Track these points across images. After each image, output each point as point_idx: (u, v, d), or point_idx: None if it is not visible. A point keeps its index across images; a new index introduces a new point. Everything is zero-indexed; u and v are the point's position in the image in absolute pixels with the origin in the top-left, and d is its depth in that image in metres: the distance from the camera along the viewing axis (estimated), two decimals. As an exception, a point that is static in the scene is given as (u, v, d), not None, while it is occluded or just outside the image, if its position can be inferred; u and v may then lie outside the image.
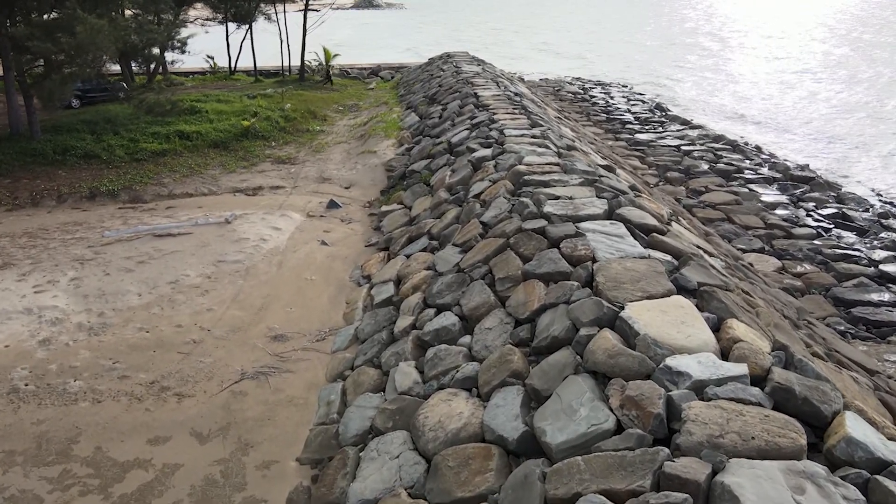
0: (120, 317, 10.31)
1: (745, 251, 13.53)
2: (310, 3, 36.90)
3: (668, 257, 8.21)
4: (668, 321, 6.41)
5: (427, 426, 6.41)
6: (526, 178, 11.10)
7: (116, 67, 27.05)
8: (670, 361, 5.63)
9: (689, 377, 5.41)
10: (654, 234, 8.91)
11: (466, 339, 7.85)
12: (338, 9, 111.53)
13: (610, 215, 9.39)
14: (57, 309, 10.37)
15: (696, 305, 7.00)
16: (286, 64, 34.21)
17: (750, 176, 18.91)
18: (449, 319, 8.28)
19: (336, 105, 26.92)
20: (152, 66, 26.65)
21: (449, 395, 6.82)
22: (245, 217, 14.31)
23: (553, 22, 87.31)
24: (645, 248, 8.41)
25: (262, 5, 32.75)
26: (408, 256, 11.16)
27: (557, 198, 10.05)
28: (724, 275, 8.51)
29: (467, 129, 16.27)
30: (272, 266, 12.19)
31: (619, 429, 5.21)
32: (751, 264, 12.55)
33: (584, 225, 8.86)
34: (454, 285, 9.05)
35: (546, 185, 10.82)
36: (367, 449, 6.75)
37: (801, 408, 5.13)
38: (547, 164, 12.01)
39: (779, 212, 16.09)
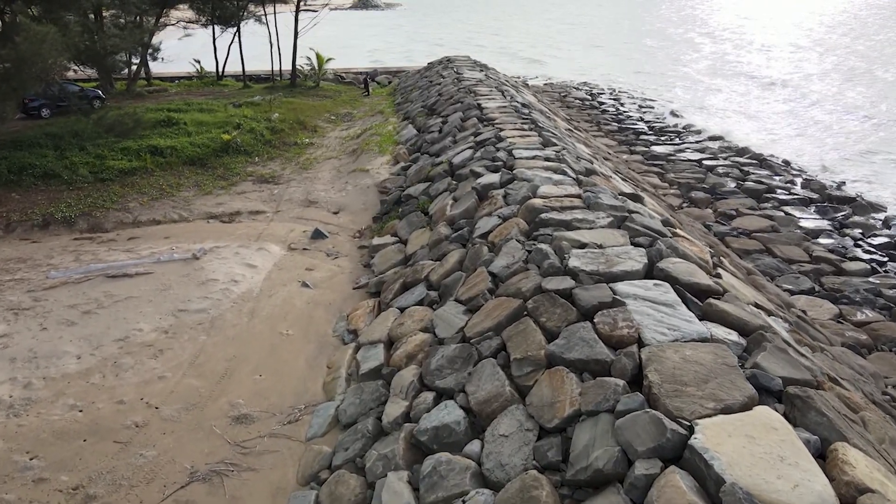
0: (50, 388, 8.47)
1: (793, 293, 11.70)
2: (307, 3, 35.12)
3: (734, 335, 6.39)
4: (761, 455, 4.58)
5: None
6: (543, 216, 9.26)
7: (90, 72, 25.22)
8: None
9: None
10: (710, 298, 7.08)
11: (475, 446, 6.01)
12: (335, 9, 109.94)
13: (650, 270, 7.57)
14: (-26, 379, 8.54)
15: (786, 416, 5.19)
16: (277, 69, 32.36)
17: (784, 196, 17.08)
18: (452, 414, 6.45)
19: (328, 114, 25.07)
20: (123, 71, 24.81)
21: (453, 547, 5.00)
22: (216, 252, 12.46)
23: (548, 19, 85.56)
24: (701, 318, 6.60)
25: (252, 6, 30.86)
26: (402, 311, 9.32)
27: (584, 245, 8.22)
28: (802, 353, 6.67)
29: (471, 147, 14.43)
30: (242, 316, 10.34)
31: None
32: (804, 312, 10.72)
33: (621, 287, 7.03)
34: (458, 361, 7.21)
35: (567, 225, 8.98)
36: None
37: None
38: (566, 195, 10.17)
39: (823, 241, 14.25)
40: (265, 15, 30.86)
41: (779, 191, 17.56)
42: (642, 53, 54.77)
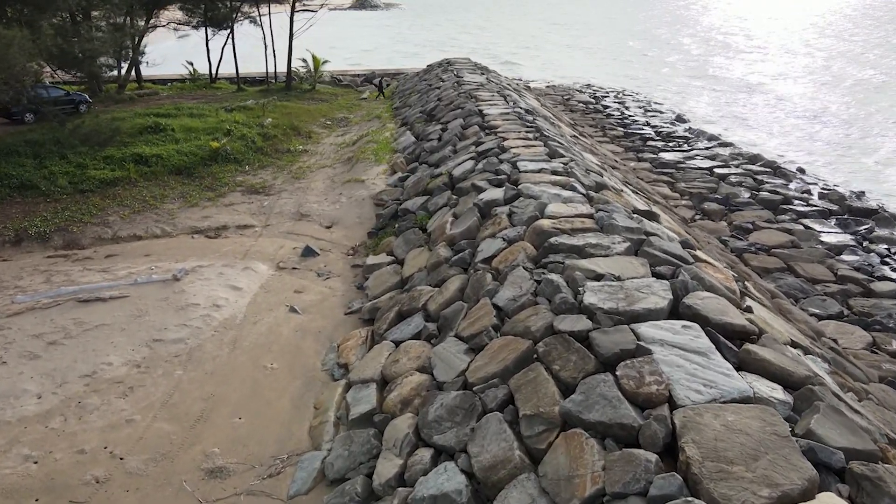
0: (4, 435, 7.60)
1: (820, 318, 10.84)
2: (305, 3, 34.24)
3: (779, 391, 5.53)
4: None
5: None
6: (553, 240, 8.39)
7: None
8: None
9: None
10: (747, 343, 6.21)
11: (479, 524, 5.15)
12: (334, 9, 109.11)
13: (675, 306, 6.70)
14: (-80, 424, 7.67)
15: (853, 501, 4.35)
16: (272, 71, 31.48)
17: (801, 208, 16.21)
18: (452, 481, 5.58)
19: (323, 119, 24.20)
20: (112, 73, 23.96)
21: None
22: (198, 272, 11.59)
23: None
24: (738, 368, 5.75)
25: (246, 6, 29.95)
26: (396, 345, 8.46)
27: (599, 277, 7.35)
28: (855, 409, 5.80)
29: (472, 157, 13.57)
30: (223, 347, 9.47)
31: None
32: (835, 341, 9.85)
33: (645, 330, 6.16)
34: (459, 413, 6.35)
35: (580, 251, 8.11)
36: None
37: None
38: (577, 215, 9.30)
39: (847, 258, 13.39)
40: (260, 16, 29.94)
41: (796, 202, 16.70)
42: (632, 56, 53.91)
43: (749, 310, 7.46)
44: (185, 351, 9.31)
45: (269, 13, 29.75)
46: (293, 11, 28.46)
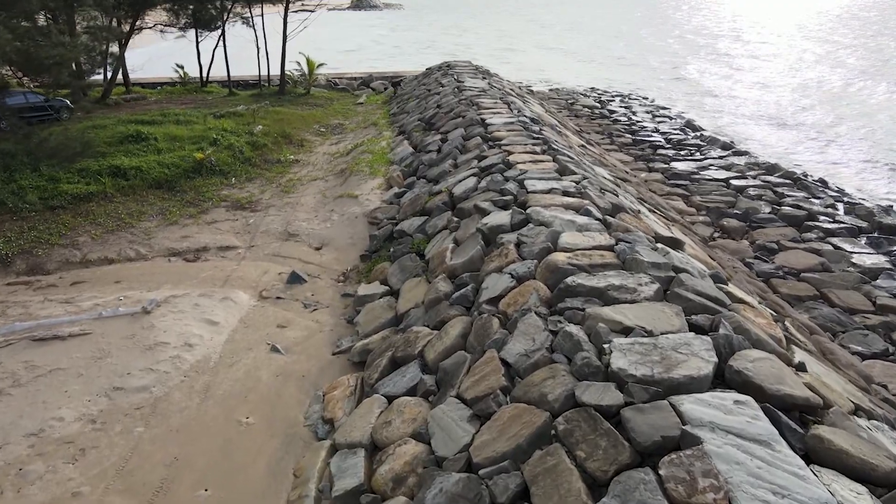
0: (-73, 515, 6.47)
1: (864, 357, 9.72)
2: (304, 3, 33.13)
3: (864, 496, 4.41)
4: None
5: None
6: (570, 280, 7.27)
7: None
8: None
9: None
10: (812, 422, 5.10)
11: None
12: (333, 9, 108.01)
13: (721, 373, 5.58)
14: None
15: None
16: (265, 74, 30.33)
17: (828, 225, 15.08)
18: None
19: (317, 125, 23.06)
20: (97, 76, 22.84)
21: None
22: (172, 303, 10.46)
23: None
24: (806, 458, 4.64)
25: (238, 7, 28.78)
26: (389, 400, 7.33)
27: (627, 330, 6.23)
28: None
29: (474, 173, 12.45)
30: (193, 396, 8.34)
31: None
32: (885, 387, 8.72)
33: (689, 408, 5.04)
34: (462, 503, 5.22)
35: (601, 295, 6.99)
36: None
37: None
38: (595, 247, 8.18)
39: (883, 283, 12.27)
40: (252, 17, 28.77)
41: (821, 218, 15.56)
42: (629, 56, 52.81)
43: (802, 367, 6.34)
44: (149, 402, 8.18)
45: (262, 14, 28.58)
46: (287, 12, 27.29)
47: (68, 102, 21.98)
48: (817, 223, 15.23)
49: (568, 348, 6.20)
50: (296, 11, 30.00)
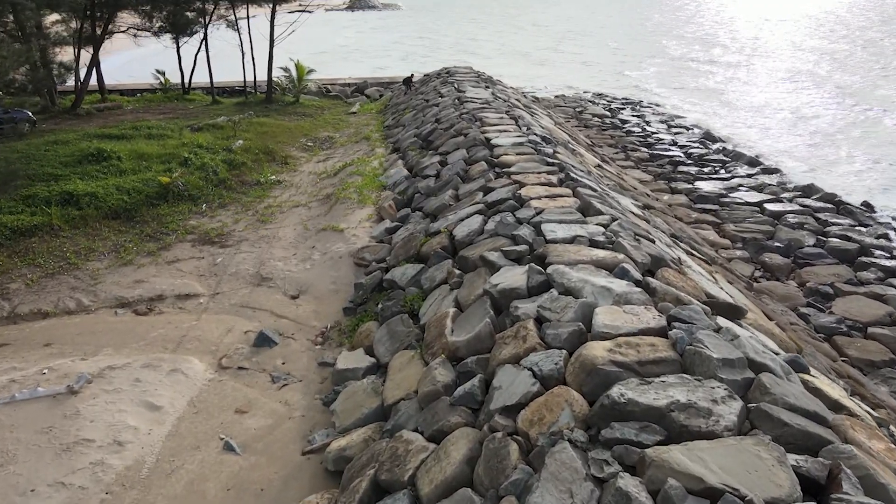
0: None
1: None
2: (301, 2, 31.27)
3: None
4: None
5: None
6: (615, 393, 5.26)
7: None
8: None
9: None
10: None
11: None
12: (331, 10, 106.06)
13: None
14: None
15: None
16: (251, 80, 28.32)
17: (886, 262, 13.10)
18: None
19: (304, 138, 21.07)
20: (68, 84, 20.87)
21: None
22: (107, 377, 8.47)
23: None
24: None
25: (222, 9, 26.78)
26: (367, 558, 5.33)
27: (712, 493, 4.24)
28: None
29: (479, 210, 10.48)
30: (113, 526, 6.34)
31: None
32: None
33: None
34: None
35: (663, 419, 5.01)
36: None
37: None
38: (641, 331, 6.18)
39: (968, 341, 10.26)
40: (237, 19, 26.73)
41: (876, 252, 13.57)
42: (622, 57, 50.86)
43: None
44: (53, 538, 6.18)
45: (248, 16, 26.56)
46: (274, 14, 25.28)
47: (30, 114, 20.01)
48: (873, 259, 13.25)
49: (625, 519, 4.22)
50: (291, 12, 28.08)
